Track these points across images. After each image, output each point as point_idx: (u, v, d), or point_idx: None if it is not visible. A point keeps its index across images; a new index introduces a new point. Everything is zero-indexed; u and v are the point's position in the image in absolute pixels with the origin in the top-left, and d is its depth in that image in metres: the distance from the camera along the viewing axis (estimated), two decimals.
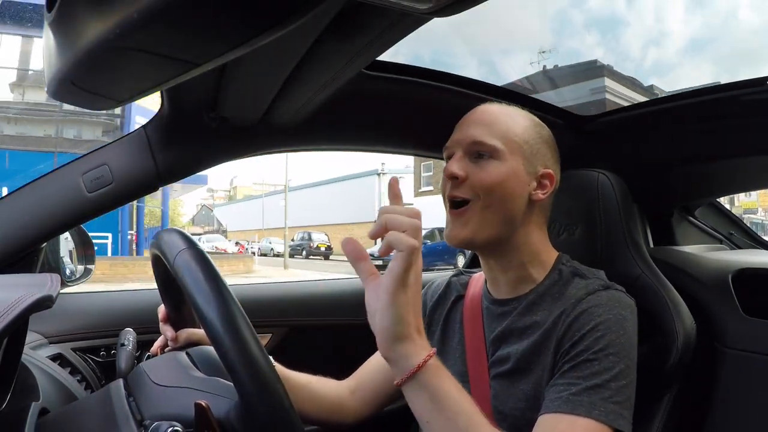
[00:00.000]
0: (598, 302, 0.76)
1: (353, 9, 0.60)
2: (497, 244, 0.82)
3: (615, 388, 0.69)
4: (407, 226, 0.61)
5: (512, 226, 0.81)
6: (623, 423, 0.68)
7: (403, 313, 0.62)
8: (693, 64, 40.69)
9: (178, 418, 0.56)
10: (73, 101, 0.57)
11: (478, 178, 0.79)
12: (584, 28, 28.80)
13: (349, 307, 1.41)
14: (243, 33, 0.42)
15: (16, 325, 0.46)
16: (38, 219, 0.93)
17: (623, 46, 27.44)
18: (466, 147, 0.81)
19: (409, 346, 0.63)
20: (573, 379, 0.70)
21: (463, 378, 0.85)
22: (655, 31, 33.90)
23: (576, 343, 0.73)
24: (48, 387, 0.80)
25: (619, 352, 0.71)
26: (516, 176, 0.80)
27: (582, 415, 0.67)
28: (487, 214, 0.79)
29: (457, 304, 0.93)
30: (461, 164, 0.80)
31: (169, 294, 0.83)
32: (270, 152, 1.15)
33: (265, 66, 0.76)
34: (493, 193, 0.78)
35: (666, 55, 38.43)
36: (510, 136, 0.80)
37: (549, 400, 0.71)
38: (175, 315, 0.84)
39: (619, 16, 27.75)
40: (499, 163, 0.79)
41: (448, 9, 0.40)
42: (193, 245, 0.63)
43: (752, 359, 0.98)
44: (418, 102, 1.10)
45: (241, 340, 0.54)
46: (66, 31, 0.43)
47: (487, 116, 0.82)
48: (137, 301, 1.24)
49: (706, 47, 44.46)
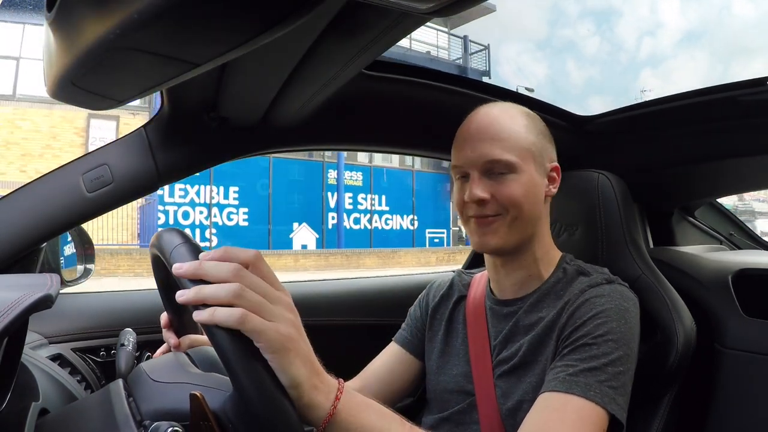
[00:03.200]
0: (601, 293, 0.77)
1: (353, 9, 0.60)
2: (522, 246, 0.83)
3: (611, 373, 0.70)
4: (226, 297, 0.49)
5: (536, 225, 0.83)
6: (617, 408, 0.68)
7: (289, 377, 0.51)
8: (687, 55, 40.88)
9: (174, 412, 0.56)
10: (73, 101, 0.57)
11: (504, 196, 0.79)
12: (579, 19, 28.84)
13: (350, 307, 1.41)
14: (243, 33, 0.42)
15: (16, 325, 0.46)
16: (38, 219, 0.93)
17: (618, 37, 27.47)
18: (482, 166, 0.80)
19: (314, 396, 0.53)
20: (571, 361, 0.71)
21: (468, 378, 0.85)
22: (651, 22, 33.91)
23: (577, 329, 0.74)
24: (48, 387, 0.80)
25: (619, 339, 0.72)
26: (534, 182, 0.81)
27: (577, 394, 0.67)
28: (516, 223, 0.80)
29: (459, 305, 0.94)
30: (483, 186, 0.80)
31: (170, 298, 0.82)
32: (270, 152, 1.15)
33: (265, 66, 0.76)
34: (520, 207, 0.79)
35: (660, 46, 38.58)
36: (520, 144, 0.80)
37: (547, 381, 0.72)
38: (177, 321, 0.83)
39: (614, 6, 27.79)
40: (517, 176, 0.79)
41: (448, 9, 0.40)
42: (188, 240, 0.63)
43: (752, 359, 0.98)
44: (418, 102, 1.10)
45: (236, 332, 0.54)
46: (66, 31, 0.43)
47: (492, 129, 0.81)
48: (137, 301, 1.24)
49: (700, 39, 44.67)
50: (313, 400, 0.52)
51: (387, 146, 1.31)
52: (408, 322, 1.00)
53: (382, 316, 1.42)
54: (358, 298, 1.47)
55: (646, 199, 1.34)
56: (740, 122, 1.08)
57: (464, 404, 0.85)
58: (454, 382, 0.87)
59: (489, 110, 0.84)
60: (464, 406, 0.85)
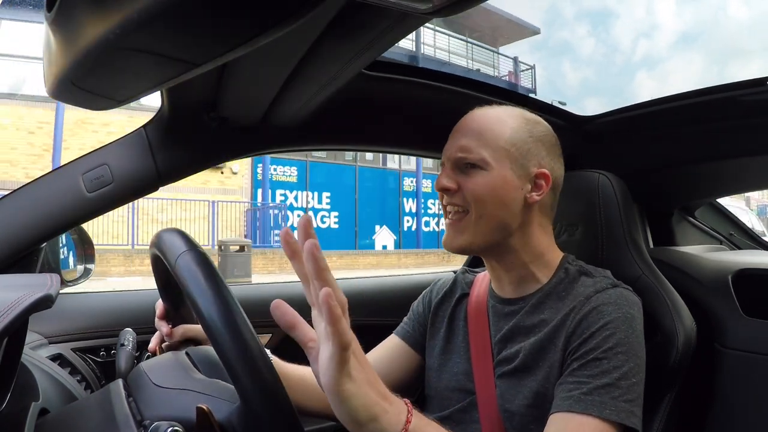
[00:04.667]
0: (607, 300, 0.77)
1: (353, 9, 0.60)
2: (495, 248, 0.82)
3: (625, 387, 0.69)
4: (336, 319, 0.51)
5: (508, 230, 0.81)
6: (635, 421, 0.69)
7: (357, 403, 0.52)
8: (682, 57, 41.03)
9: (178, 420, 0.56)
10: (73, 101, 0.57)
11: (468, 190, 0.80)
12: (575, 20, 29.02)
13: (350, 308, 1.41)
14: (243, 33, 0.42)
15: (16, 325, 0.46)
16: (38, 219, 0.93)
17: (613, 38, 27.57)
18: (454, 159, 0.81)
19: (384, 422, 0.54)
20: (583, 378, 0.71)
21: (468, 376, 0.85)
22: (646, 24, 34.03)
23: (585, 341, 0.73)
24: (48, 387, 0.80)
25: (628, 350, 0.72)
26: (505, 183, 0.79)
27: (593, 414, 0.67)
28: (481, 222, 0.80)
29: (461, 302, 0.94)
30: (450, 176, 0.81)
31: (168, 292, 0.82)
32: (270, 152, 1.15)
33: (265, 66, 0.76)
34: (483, 203, 0.79)
35: (656, 48, 38.71)
36: (497, 143, 0.80)
37: (560, 399, 0.71)
38: (174, 314, 0.84)
39: (610, 7, 27.93)
40: (485, 172, 0.79)
41: (448, 9, 0.40)
42: (194, 247, 0.63)
43: (752, 359, 0.98)
44: (418, 102, 1.10)
45: (243, 344, 0.54)
46: (66, 31, 0.43)
47: (476, 124, 0.82)
48: (137, 301, 1.24)
49: (695, 41, 44.83)
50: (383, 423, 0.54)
51: (387, 146, 1.32)
52: (410, 316, 1.00)
53: (382, 316, 1.42)
54: (359, 298, 1.47)
55: (646, 199, 1.34)
56: (740, 122, 1.08)
57: (465, 403, 0.85)
58: (455, 381, 0.87)
59: (482, 110, 0.85)
60: (465, 404, 0.85)
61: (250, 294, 1.39)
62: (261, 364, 0.54)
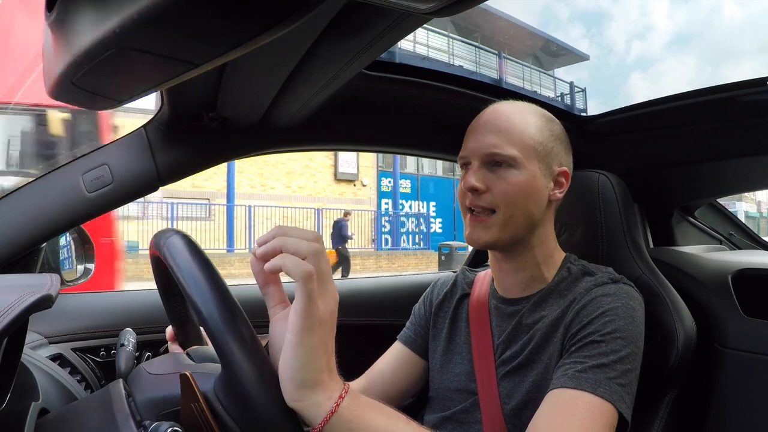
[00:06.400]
0: (607, 292, 0.77)
1: (353, 9, 0.60)
2: (517, 245, 0.83)
3: (620, 370, 0.70)
4: (306, 252, 0.51)
5: (533, 227, 0.82)
6: (624, 407, 0.68)
7: (312, 357, 0.51)
8: (675, 58, 41.06)
9: (165, 398, 0.57)
10: (73, 101, 0.57)
11: (500, 190, 0.79)
12: (569, 22, 29.19)
13: (350, 307, 1.41)
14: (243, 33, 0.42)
15: (16, 325, 0.46)
16: (38, 219, 0.93)
17: (607, 40, 27.63)
18: (483, 157, 0.80)
19: (319, 393, 0.52)
20: (580, 358, 0.71)
21: (470, 377, 0.85)
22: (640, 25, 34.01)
23: (584, 327, 0.74)
24: (48, 387, 0.80)
25: (627, 337, 0.72)
26: (535, 181, 0.80)
27: (586, 390, 0.67)
28: (510, 221, 0.79)
29: (462, 303, 0.94)
30: (479, 175, 0.80)
31: (172, 309, 0.81)
32: (270, 152, 1.15)
33: (265, 66, 0.76)
34: (514, 203, 0.79)
35: (650, 49, 38.72)
36: (525, 141, 0.80)
37: (556, 378, 0.71)
38: (182, 333, 0.83)
39: (604, 9, 28.03)
40: (517, 171, 0.79)
41: (448, 9, 0.40)
42: (179, 232, 0.63)
43: (752, 359, 0.98)
44: (419, 102, 1.10)
45: (227, 312, 0.54)
46: (66, 31, 0.43)
47: (502, 121, 0.81)
48: (137, 301, 1.24)
49: (688, 42, 44.84)
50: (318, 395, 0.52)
51: (387, 146, 1.31)
52: (412, 320, 1.00)
53: (383, 316, 1.42)
54: (359, 298, 1.47)
55: (646, 199, 1.34)
56: (740, 122, 1.08)
57: (467, 403, 0.85)
58: (457, 381, 0.87)
59: (501, 106, 0.84)
60: (467, 405, 0.85)
61: (251, 294, 1.39)
62: (242, 326, 0.53)
